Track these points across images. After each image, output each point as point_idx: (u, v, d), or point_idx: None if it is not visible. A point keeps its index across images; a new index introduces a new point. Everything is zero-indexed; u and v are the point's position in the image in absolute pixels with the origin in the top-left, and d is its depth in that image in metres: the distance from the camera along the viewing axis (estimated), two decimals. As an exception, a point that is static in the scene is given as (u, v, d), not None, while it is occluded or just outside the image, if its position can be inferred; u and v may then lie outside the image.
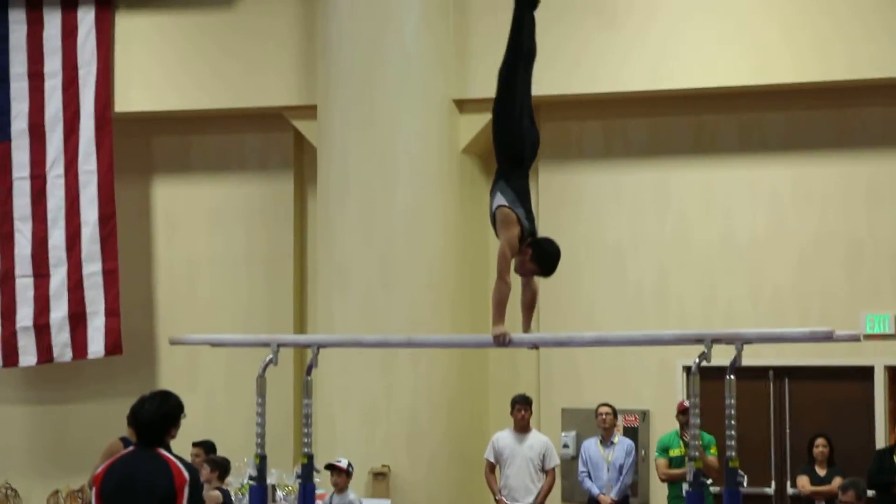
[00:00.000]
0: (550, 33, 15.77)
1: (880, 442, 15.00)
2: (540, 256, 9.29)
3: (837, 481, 13.59)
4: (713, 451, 13.76)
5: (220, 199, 17.17)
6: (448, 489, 15.67)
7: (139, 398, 7.57)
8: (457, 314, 15.77)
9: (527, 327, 9.59)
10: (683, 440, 13.99)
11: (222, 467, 12.82)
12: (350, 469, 13.83)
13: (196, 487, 7.25)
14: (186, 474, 7.22)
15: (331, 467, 13.68)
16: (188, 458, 11.81)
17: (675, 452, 14.24)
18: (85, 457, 14.76)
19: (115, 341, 16.38)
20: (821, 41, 15.11)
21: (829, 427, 14.52)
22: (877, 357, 15.17)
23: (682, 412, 13.83)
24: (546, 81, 15.80)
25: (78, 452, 15.92)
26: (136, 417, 7.50)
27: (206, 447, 13.55)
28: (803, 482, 13.99)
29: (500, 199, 9.26)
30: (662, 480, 13.92)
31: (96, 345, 16.44)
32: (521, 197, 9.33)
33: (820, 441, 14.02)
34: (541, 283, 15.97)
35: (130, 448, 7.80)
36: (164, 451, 7.31)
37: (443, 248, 15.85)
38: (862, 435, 15.11)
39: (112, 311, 16.37)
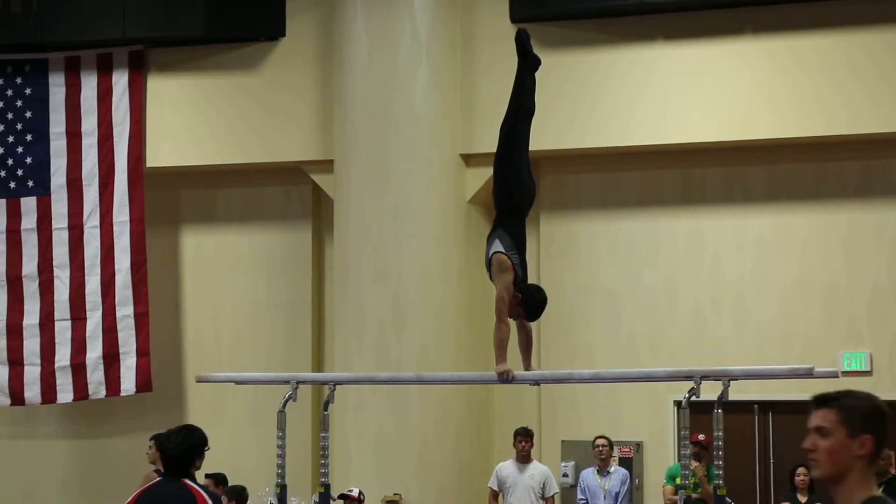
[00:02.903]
0: (552, 92, 15.79)
1: (858, 471, 14.88)
2: (527, 302, 9.26)
3: (818, 508, 13.54)
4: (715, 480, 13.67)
5: (244, 246, 17.16)
6: (455, 515, 15.60)
7: (166, 432, 7.53)
8: (463, 353, 15.74)
9: (527, 366, 9.55)
10: (691, 469, 13.91)
11: (239, 496, 12.75)
12: (361, 497, 13.75)
13: (219, 515, 7.20)
14: (210, 503, 7.17)
15: (344, 497, 13.61)
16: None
17: (678, 481, 14.15)
18: (118, 487, 14.70)
19: (145, 379, 16.35)
20: (800, 101, 15.13)
21: (802, 459, 14.42)
22: (854, 392, 15.08)
23: (694, 443, 13.68)
24: (547, 136, 15.84)
25: (112, 483, 15.85)
26: (163, 450, 7.46)
27: (217, 479, 13.49)
28: (786, 509, 13.93)
29: (497, 246, 9.24)
30: (668, 506, 13.83)
31: (128, 383, 16.41)
32: (518, 244, 9.31)
33: (801, 470, 13.95)
34: (543, 324, 16.00)
35: (158, 479, 7.76)
36: (189, 482, 7.27)
37: (450, 292, 15.85)
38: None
39: (143, 352, 16.35)
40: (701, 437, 13.43)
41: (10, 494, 17.27)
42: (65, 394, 16.56)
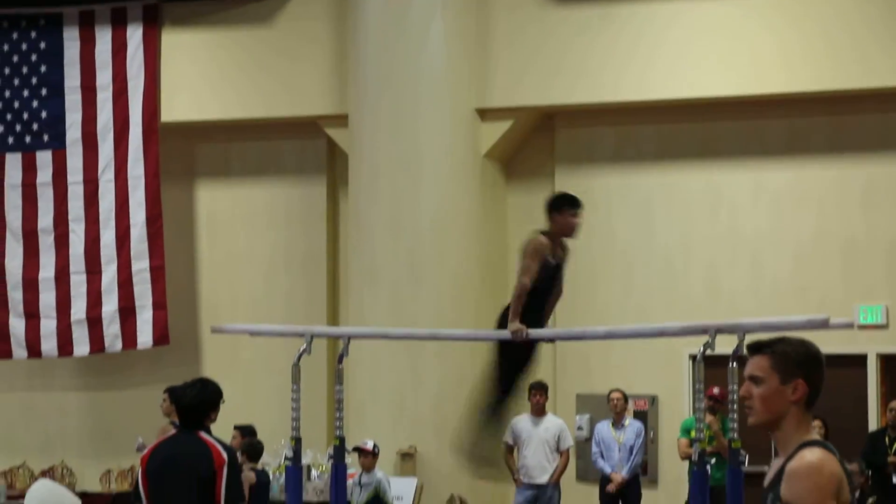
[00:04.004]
0: (567, 45, 15.71)
1: (872, 424, 14.91)
2: (559, 198, 9.25)
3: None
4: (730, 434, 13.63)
5: (259, 201, 17.15)
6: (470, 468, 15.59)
7: (181, 385, 7.53)
8: (479, 309, 15.73)
9: (544, 323, 9.50)
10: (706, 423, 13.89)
11: (253, 450, 12.73)
12: (376, 450, 13.77)
13: (234, 468, 7.21)
14: (225, 455, 7.18)
15: (358, 450, 13.63)
16: (229, 441, 11.79)
17: (692, 434, 14.12)
18: (134, 439, 14.73)
19: (162, 332, 16.39)
20: (816, 54, 15.05)
21: (824, 410, 14.39)
22: (870, 346, 15.09)
23: (709, 397, 13.63)
24: (561, 90, 15.77)
25: (128, 435, 15.89)
26: (178, 403, 7.46)
27: (245, 431, 13.52)
28: (801, 462, 13.90)
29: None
30: (683, 459, 13.77)
31: (145, 336, 16.44)
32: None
33: (815, 423, 13.80)
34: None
35: (173, 432, 7.77)
36: (204, 434, 7.27)
37: (466, 246, 15.83)
38: (855, 418, 15.01)
39: (159, 305, 16.37)
40: (715, 390, 13.40)
41: (27, 446, 17.34)
42: (81, 347, 16.60)
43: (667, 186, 16.03)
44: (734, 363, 8.97)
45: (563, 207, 9.25)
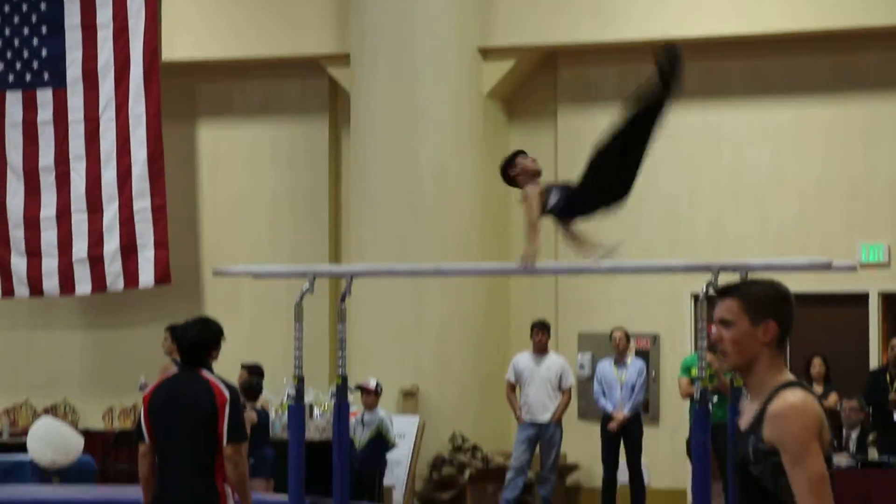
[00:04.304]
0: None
1: (874, 363, 14.96)
2: (505, 161, 9.14)
3: (833, 398, 13.54)
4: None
5: (260, 140, 17.11)
6: (472, 406, 15.69)
7: (182, 323, 7.53)
8: (481, 248, 15.74)
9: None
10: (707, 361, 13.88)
11: (252, 390, 12.74)
12: (379, 389, 13.80)
13: (236, 406, 7.22)
14: (227, 394, 7.18)
15: (360, 388, 13.66)
16: (235, 380, 11.82)
17: (696, 373, 14.13)
18: (136, 377, 14.76)
19: (163, 272, 16.38)
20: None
21: (826, 349, 14.45)
22: (871, 284, 15.11)
23: (709, 335, 13.61)
24: (565, 28, 15.69)
25: (130, 373, 15.92)
26: (179, 341, 7.47)
27: (253, 370, 13.56)
28: (802, 399, 13.93)
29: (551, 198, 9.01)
30: (684, 398, 13.79)
31: (146, 275, 16.43)
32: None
33: (816, 361, 13.94)
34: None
35: (175, 370, 7.78)
36: (206, 373, 7.27)
37: (467, 186, 15.83)
38: (857, 356, 15.06)
39: (161, 244, 16.35)
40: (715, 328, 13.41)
41: (29, 384, 17.39)
42: (83, 285, 16.60)
43: (670, 126, 15.87)
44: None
45: (512, 162, 9.20)
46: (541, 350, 14.51)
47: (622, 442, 14.29)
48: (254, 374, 13.47)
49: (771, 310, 4.20)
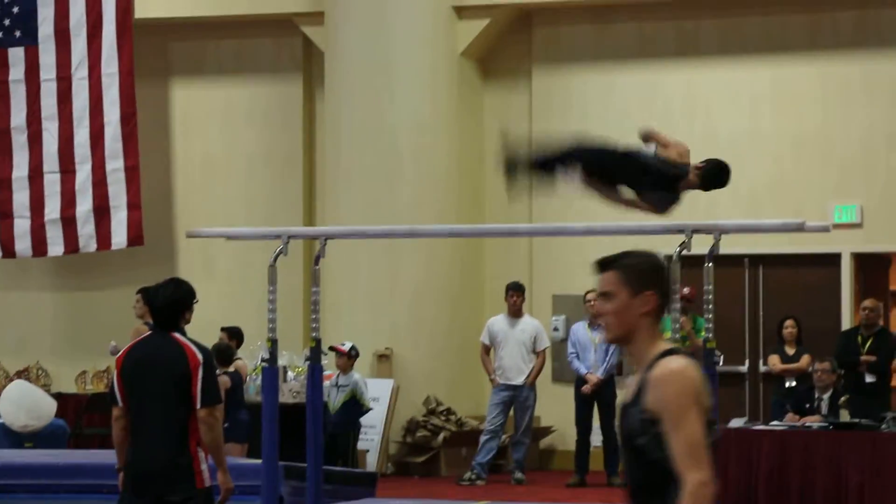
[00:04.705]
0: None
1: (846, 324, 15.03)
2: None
3: (805, 359, 13.61)
4: (703, 333, 13.70)
5: (234, 100, 17.05)
6: (446, 369, 15.73)
7: (154, 285, 7.52)
8: (457, 209, 15.75)
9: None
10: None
11: (223, 354, 12.73)
12: (353, 352, 13.79)
13: (210, 369, 7.22)
14: (200, 356, 7.18)
15: (333, 349, 13.67)
16: (213, 342, 11.81)
17: (667, 335, 14.20)
18: (108, 340, 14.74)
19: (136, 233, 16.33)
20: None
21: (799, 310, 14.52)
22: (844, 245, 15.17)
23: (680, 297, 13.67)
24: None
25: (103, 336, 15.87)
26: (152, 303, 7.47)
27: (232, 333, 13.56)
28: (774, 360, 14.00)
29: None
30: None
31: (119, 236, 16.39)
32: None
33: (789, 322, 14.00)
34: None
35: (148, 332, 7.78)
36: (178, 335, 7.26)
37: (442, 146, 15.83)
38: (829, 317, 15.14)
39: (134, 205, 16.30)
40: (686, 290, 13.45)
41: (1, 347, 17.35)
42: (55, 247, 16.55)
43: (645, 86, 15.98)
44: (710, 263, 9.02)
45: None
46: (515, 313, 14.54)
47: (596, 404, 14.34)
48: (233, 338, 13.47)
49: (650, 280, 4.26)
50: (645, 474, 4.16)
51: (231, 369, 12.76)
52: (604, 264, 4.33)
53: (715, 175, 8.65)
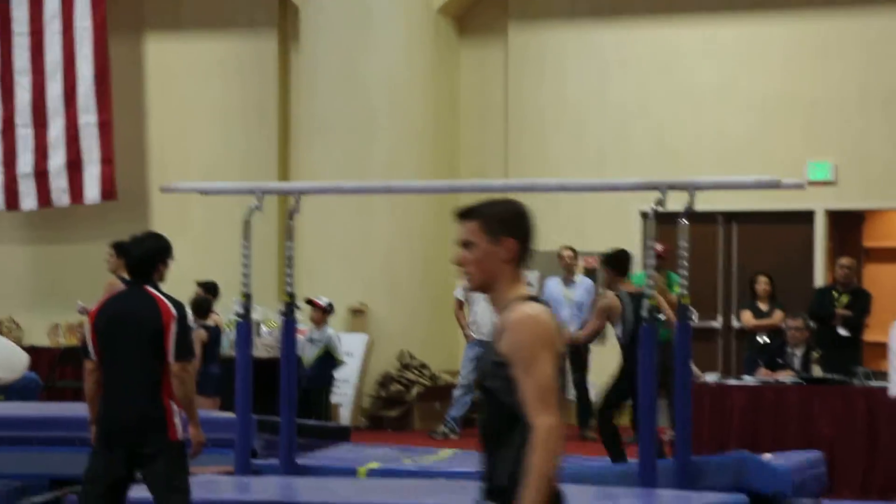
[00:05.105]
0: None
1: (819, 281, 15.11)
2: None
3: (778, 315, 13.65)
4: (676, 289, 13.76)
5: (209, 55, 16.97)
6: (420, 324, 15.76)
7: (130, 239, 7.50)
8: (432, 164, 15.74)
9: None
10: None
11: (200, 307, 12.71)
12: (329, 308, 13.80)
13: (183, 323, 7.20)
14: (174, 311, 7.16)
15: (310, 303, 13.67)
16: (188, 297, 11.79)
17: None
18: (82, 294, 14.71)
19: (109, 188, 16.30)
20: None
21: (772, 267, 14.57)
22: (818, 202, 15.22)
23: (657, 255, 13.69)
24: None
25: (76, 290, 15.86)
26: (127, 256, 7.44)
27: (208, 287, 13.55)
28: (746, 316, 14.04)
29: None
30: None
31: (92, 190, 16.35)
32: None
33: (762, 279, 14.03)
34: (511, 134, 16.01)
35: (123, 287, 7.76)
36: (152, 289, 7.25)
37: (418, 101, 15.80)
38: (802, 274, 15.20)
39: (107, 160, 16.26)
40: (658, 247, 13.47)
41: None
42: (28, 200, 16.50)
43: (621, 43, 15.96)
44: (685, 220, 9.03)
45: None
46: (489, 268, 14.53)
47: (569, 359, 14.38)
48: (208, 292, 13.46)
49: (509, 228, 4.29)
50: (496, 417, 4.20)
51: (209, 323, 12.75)
52: (464, 214, 4.34)
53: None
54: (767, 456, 9.59)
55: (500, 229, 4.27)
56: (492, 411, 4.21)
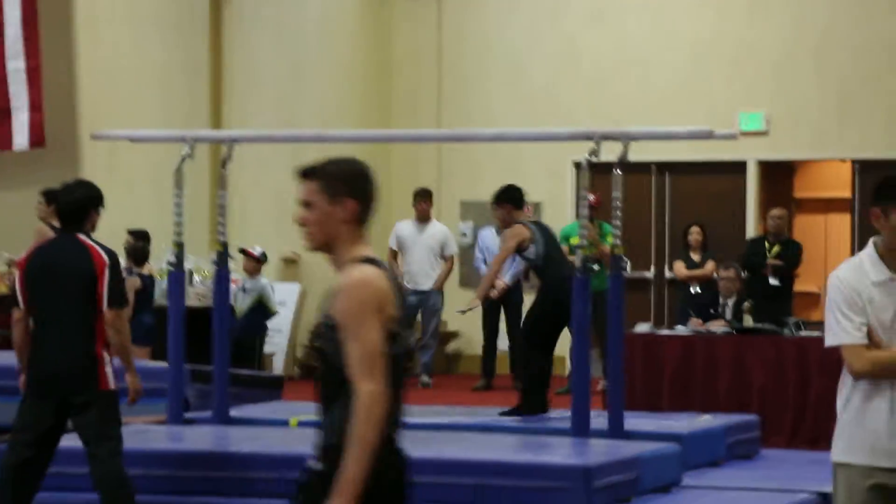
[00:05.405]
0: None
1: (751, 231, 15.21)
2: None
3: (710, 266, 13.74)
4: (609, 239, 13.79)
5: (140, 0, 16.77)
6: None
7: (60, 186, 7.43)
8: (364, 112, 15.69)
9: None
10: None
11: (139, 254, 12.66)
12: (262, 257, 13.76)
13: (116, 271, 7.15)
14: (106, 258, 7.11)
15: (244, 252, 13.62)
16: (120, 246, 11.71)
17: (575, 241, 14.24)
18: (9, 243, 14.55)
19: (38, 135, 16.09)
20: None
21: (705, 217, 14.65)
22: (750, 153, 15.31)
23: (589, 205, 13.70)
24: None
25: (3, 239, 15.69)
26: (57, 204, 7.38)
27: (138, 235, 13.45)
28: (679, 267, 14.12)
29: None
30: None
31: (21, 137, 16.13)
32: None
33: (694, 229, 14.10)
34: (444, 82, 16.00)
35: (52, 235, 7.70)
36: (84, 237, 7.18)
37: (351, 48, 15.76)
38: (734, 225, 15.31)
39: (36, 106, 16.04)
40: (591, 197, 13.51)
41: None
42: (-46, 147, 16.29)
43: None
44: (618, 170, 9.05)
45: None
46: (423, 218, 14.53)
47: (503, 309, 14.40)
48: (140, 241, 13.38)
49: (349, 187, 4.25)
50: (328, 377, 4.18)
51: (144, 271, 12.69)
52: (304, 174, 4.31)
53: None
54: (705, 417, 9.71)
55: (340, 189, 4.22)
56: (324, 371, 4.17)
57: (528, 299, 14.61)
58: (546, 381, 10.11)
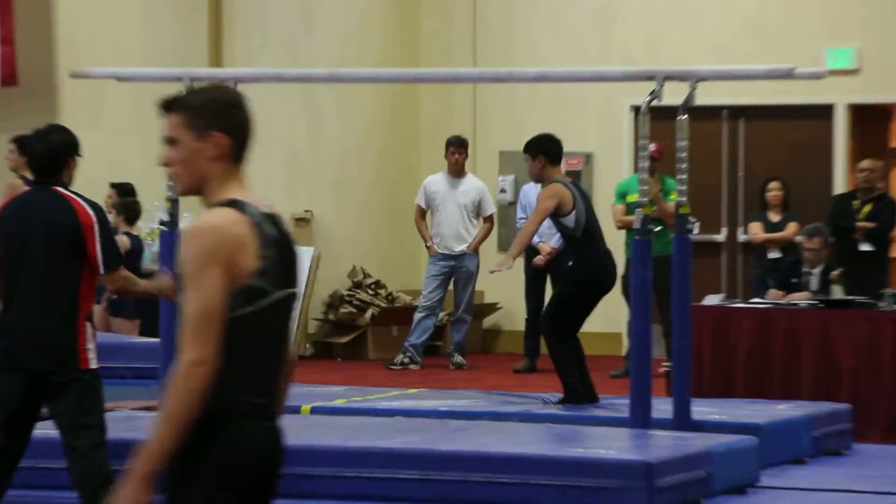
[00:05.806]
0: None
1: (839, 186, 15.13)
2: None
3: (792, 227, 13.63)
4: (673, 196, 13.67)
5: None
6: (376, 235, 15.77)
7: (32, 133, 7.38)
8: (384, 51, 15.67)
9: None
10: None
11: (130, 211, 12.67)
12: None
13: (105, 227, 7.09)
14: (92, 213, 7.04)
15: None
16: (103, 201, 11.69)
17: (633, 198, 14.14)
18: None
19: (10, 72, 16.12)
20: None
21: (784, 170, 14.58)
22: (838, 95, 15.24)
23: (650, 156, 13.64)
24: None
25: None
26: (30, 153, 7.33)
27: (123, 189, 13.46)
28: (755, 229, 14.01)
29: None
30: (619, 227, 13.80)
31: (-10, 75, 16.19)
32: None
33: (774, 185, 13.99)
34: (480, 19, 15.99)
35: (25, 188, 7.65)
36: (62, 190, 7.13)
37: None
38: (819, 178, 15.23)
39: (6, 40, 16.07)
40: (652, 147, 13.40)
41: None
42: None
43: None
44: (684, 115, 8.98)
45: None
46: (456, 172, 14.50)
47: (549, 278, 14.33)
48: (125, 196, 13.40)
49: (217, 120, 4.20)
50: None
51: (133, 231, 12.72)
52: (166, 106, 4.22)
53: None
54: (781, 407, 9.68)
55: (207, 123, 4.17)
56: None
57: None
58: (579, 363, 10.07)
